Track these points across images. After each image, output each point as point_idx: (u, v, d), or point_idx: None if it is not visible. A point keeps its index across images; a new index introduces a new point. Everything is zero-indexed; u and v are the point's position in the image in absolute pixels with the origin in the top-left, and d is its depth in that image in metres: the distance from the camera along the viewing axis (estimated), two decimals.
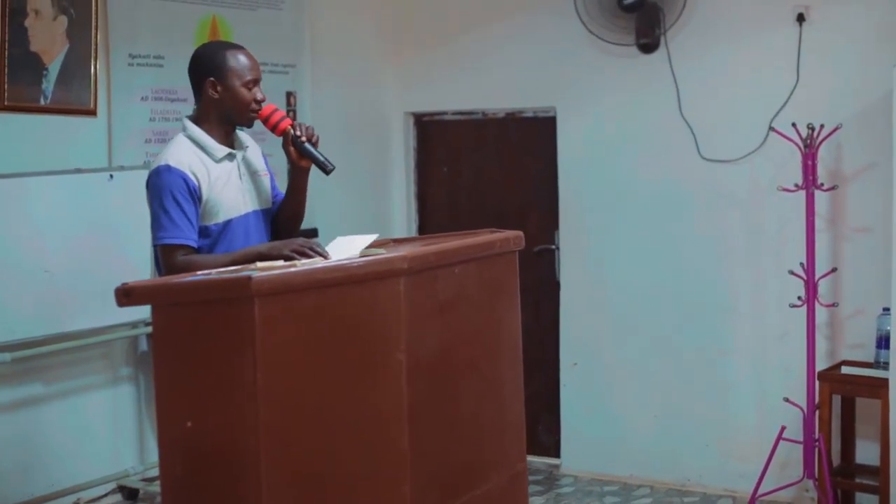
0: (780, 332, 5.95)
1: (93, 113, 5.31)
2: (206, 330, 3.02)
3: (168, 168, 3.80)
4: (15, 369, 5.02)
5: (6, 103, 4.94)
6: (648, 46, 6.18)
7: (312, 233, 6.15)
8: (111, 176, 5.17)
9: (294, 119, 6.05)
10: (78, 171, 5.07)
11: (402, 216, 7.16)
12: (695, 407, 6.24)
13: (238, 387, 2.97)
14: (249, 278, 2.92)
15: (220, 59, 3.91)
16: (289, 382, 3.02)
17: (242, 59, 3.93)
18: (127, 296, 3.07)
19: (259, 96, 3.94)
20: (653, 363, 6.37)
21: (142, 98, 5.51)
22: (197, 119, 3.96)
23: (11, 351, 4.87)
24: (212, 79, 3.89)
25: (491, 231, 4.02)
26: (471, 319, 3.61)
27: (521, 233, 3.91)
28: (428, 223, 7.16)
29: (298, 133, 3.93)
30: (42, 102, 5.09)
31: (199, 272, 3.36)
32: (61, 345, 5.12)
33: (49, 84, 5.10)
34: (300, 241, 3.68)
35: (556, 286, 6.66)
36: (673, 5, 6.09)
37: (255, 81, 3.94)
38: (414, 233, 7.09)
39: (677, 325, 6.27)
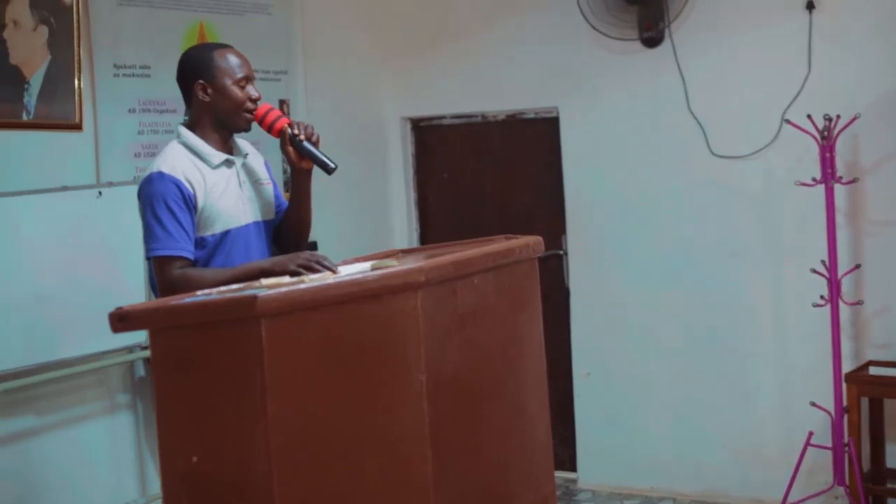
0: (803, 333, 5.75)
1: (78, 127, 5.07)
2: (209, 355, 2.78)
3: (160, 175, 3.58)
4: (6, 401, 4.76)
5: None
6: (653, 40, 6.03)
7: (311, 246, 5.93)
8: (100, 193, 4.94)
9: None
10: (65, 188, 4.84)
11: (402, 225, 6.96)
12: (716, 414, 6.05)
13: (246, 415, 2.74)
14: (255, 297, 2.69)
15: (207, 60, 3.71)
16: (301, 408, 2.78)
17: (231, 57, 3.74)
18: (122, 321, 2.84)
19: (254, 94, 3.73)
20: (670, 370, 6.17)
21: (129, 110, 5.28)
22: (191, 126, 3.75)
23: (1, 382, 4.63)
24: (201, 81, 3.69)
25: (506, 237, 3.80)
26: (493, 333, 3.37)
27: (539, 238, 3.68)
28: (430, 232, 6.97)
29: (296, 132, 3.72)
30: (24, 118, 4.85)
31: (199, 292, 3.12)
32: (54, 373, 4.87)
33: (31, 98, 4.86)
34: (306, 254, 3.46)
35: (566, 293, 6.47)
36: None
37: (248, 79, 3.73)
38: (416, 241, 6.93)
39: (695, 330, 6.08)
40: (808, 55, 5.65)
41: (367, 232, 6.63)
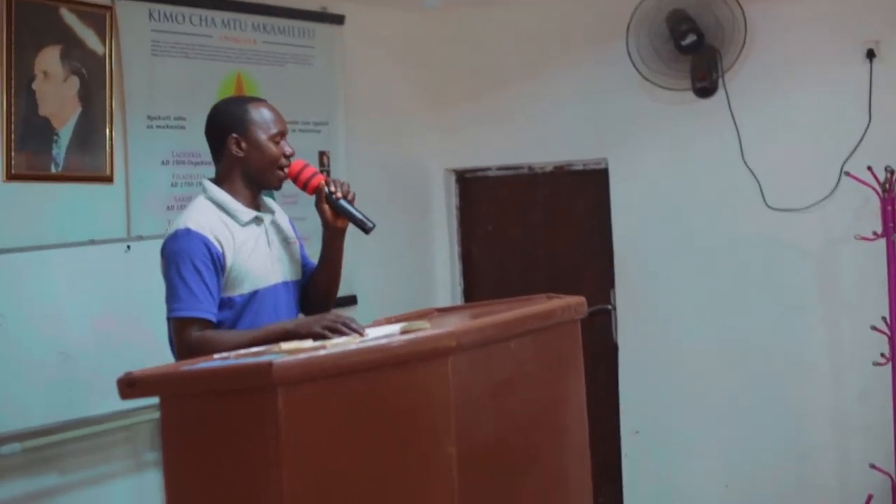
0: (862, 392, 5.57)
1: (109, 179, 4.96)
2: (221, 425, 2.61)
3: (187, 232, 3.42)
4: (30, 459, 4.63)
5: (14, 172, 4.59)
6: (706, 90, 5.85)
7: (351, 300, 5.80)
8: (128, 247, 4.81)
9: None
10: (92, 242, 4.72)
11: (445, 279, 6.79)
12: (770, 475, 5.84)
13: (261, 491, 2.55)
14: (270, 364, 2.51)
15: (241, 113, 3.56)
16: (320, 484, 2.60)
17: (266, 111, 3.59)
18: (130, 387, 2.69)
19: (288, 150, 3.58)
20: (722, 429, 5.97)
21: (162, 162, 5.15)
22: (219, 181, 3.60)
23: (22, 440, 4.50)
24: (235, 135, 3.53)
25: (547, 296, 3.62)
26: (531, 402, 3.19)
27: (582, 298, 3.50)
28: (474, 286, 6.80)
29: (333, 189, 3.56)
30: (53, 170, 4.74)
31: (216, 356, 2.95)
32: (78, 431, 4.74)
33: (61, 150, 4.75)
34: (332, 316, 3.28)
35: (614, 349, 6.28)
36: (731, 46, 5.75)
37: (282, 134, 3.59)
38: (459, 297, 6.75)
39: (748, 387, 5.88)
40: (869, 105, 5.49)
41: (410, 287, 6.48)
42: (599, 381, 6.23)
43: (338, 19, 6.03)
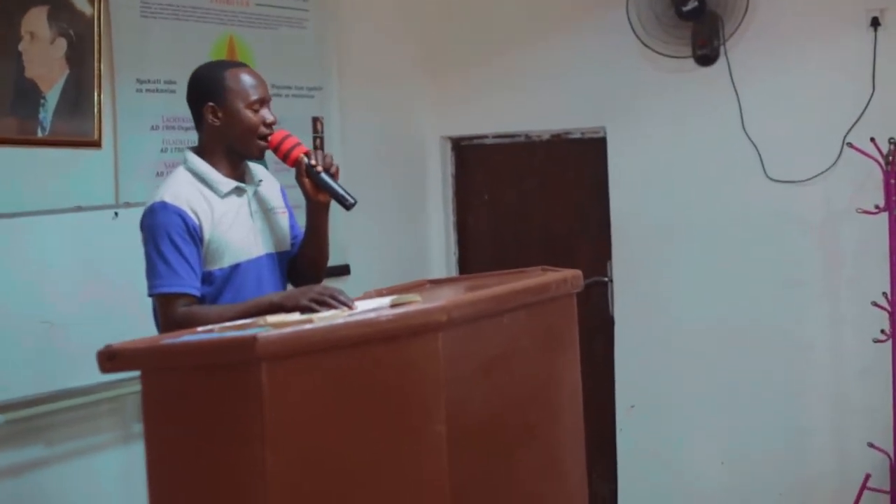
0: (862, 369, 5.49)
1: (97, 144, 4.84)
2: (204, 400, 2.55)
3: (163, 205, 3.35)
4: (15, 430, 4.54)
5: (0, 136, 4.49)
6: (707, 58, 5.74)
7: (344, 270, 5.73)
8: (116, 213, 4.72)
9: (321, 146, 5.63)
10: (79, 208, 4.63)
11: (440, 248, 6.71)
12: (767, 453, 5.77)
13: (244, 470, 2.49)
14: (255, 338, 2.44)
15: (218, 80, 3.47)
16: (305, 462, 2.53)
17: (245, 77, 3.48)
18: (111, 360, 2.63)
19: (269, 118, 3.47)
20: (719, 405, 5.89)
21: (152, 127, 5.04)
22: (200, 151, 3.52)
23: (6, 412, 4.42)
24: (211, 104, 3.44)
25: (542, 269, 3.54)
26: (524, 378, 3.11)
27: (579, 272, 3.42)
28: (469, 255, 6.72)
29: (314, 162, 3.45)
30: (40, 134, 4.63)
31: (199, 328, 2.87)
32: (64, 402, 4.65)
33: (47, 114, 4.64)
34: (320, 288, 3.20)
35: (610, 322, 6.20)
36: (733, 13, 5.65)
37: (262, 102, 3.48)
38: (454, 267, 6.68)
39: (745, 363, 5.79)
40: (872, 75, 5.40)
41: (404, 257, 6.40)
42: (595, 354, 6.15)
43: None
